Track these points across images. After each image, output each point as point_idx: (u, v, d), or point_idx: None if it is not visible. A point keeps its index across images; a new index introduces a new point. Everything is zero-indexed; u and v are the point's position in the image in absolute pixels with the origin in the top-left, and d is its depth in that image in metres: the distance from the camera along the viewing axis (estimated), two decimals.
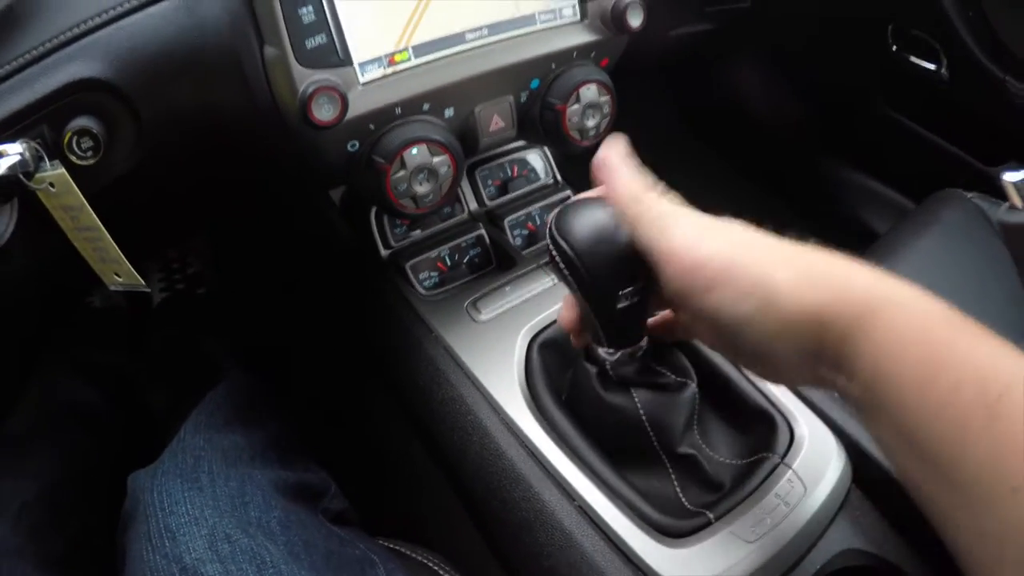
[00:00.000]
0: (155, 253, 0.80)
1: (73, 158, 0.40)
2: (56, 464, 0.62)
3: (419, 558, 0.53)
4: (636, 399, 0.43)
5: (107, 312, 0.81)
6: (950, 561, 0.28)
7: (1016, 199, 0.56)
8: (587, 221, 0.37)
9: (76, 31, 0.40)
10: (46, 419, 0.67)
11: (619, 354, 0.42)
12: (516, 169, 0.67)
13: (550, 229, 0.37)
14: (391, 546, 0.53)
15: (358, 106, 0.45)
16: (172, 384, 0.73)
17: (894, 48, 0.87)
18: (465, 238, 0.61)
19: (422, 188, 0.49)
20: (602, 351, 0.42)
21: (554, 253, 0.38)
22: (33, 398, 0.68)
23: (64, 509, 0.59)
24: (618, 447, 0.46)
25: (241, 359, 0.70)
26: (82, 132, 0.40)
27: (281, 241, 0.83)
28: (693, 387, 0.45)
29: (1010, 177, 0.56)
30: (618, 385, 0.43)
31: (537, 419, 0.48)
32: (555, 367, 0.52)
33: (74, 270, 0.47)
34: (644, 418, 0.44)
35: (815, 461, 0.46)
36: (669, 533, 0.43)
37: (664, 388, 0.44)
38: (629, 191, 0.36)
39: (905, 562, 0.45)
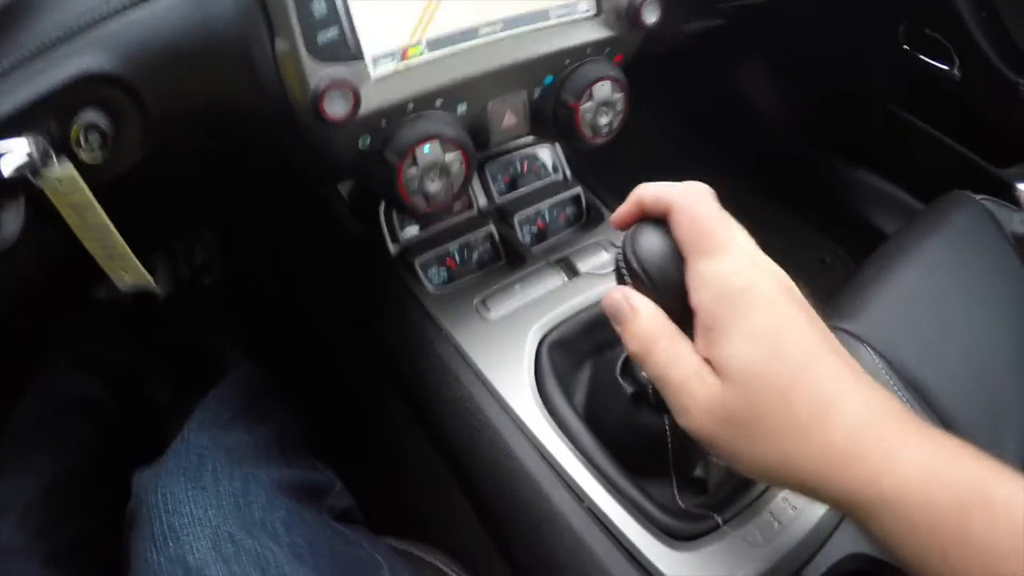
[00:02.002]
0: (161, 245, 0.79)
1: (80, 152, 0.39)
2: (60, 460, 0.62)
3: (426, 557, 0.53)
4: (667, 423, 0.42)
5: (111, 305, 0.81)
6: None
7: None
8: (658, 249, 0.35)
9: (83, 23, 0.39)
10: (50, 414, 0.66)
11: None
12: (526, 165, 0.66)
13: (624, 248, 0.36)
14: (397, 545, 0.52)
15: (370, 101, 0.45)
16: (176, 378, 0.73)
17: (906, 48, 0.86)
18: (474, 234, 0.61)
19: (434, 185, 0.49)
20: (642, 372, 0.41)
21: (625, 274, 0.36)
22: (37, 393, 0.68)
23: (68, 506, 0.58)
24: (631, 459, 0.46)
25: (247, 352, 0.70)
26: (89, 126, 0.39)
27: (288, 234, 0.83)
28: None
29: None
30: (652, 407, 0.42)
31: (547, 419, 0.48)
32: (565, 367, 0.52)
33: (81, 267, 0.47)
34: (670, 444, 0.43)
35: None
36: (677, 536, 0.43)
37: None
38: (647, 336, 0.34)
39: None
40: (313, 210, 0.68)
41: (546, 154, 0.68)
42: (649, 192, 0.35)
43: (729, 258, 0.32)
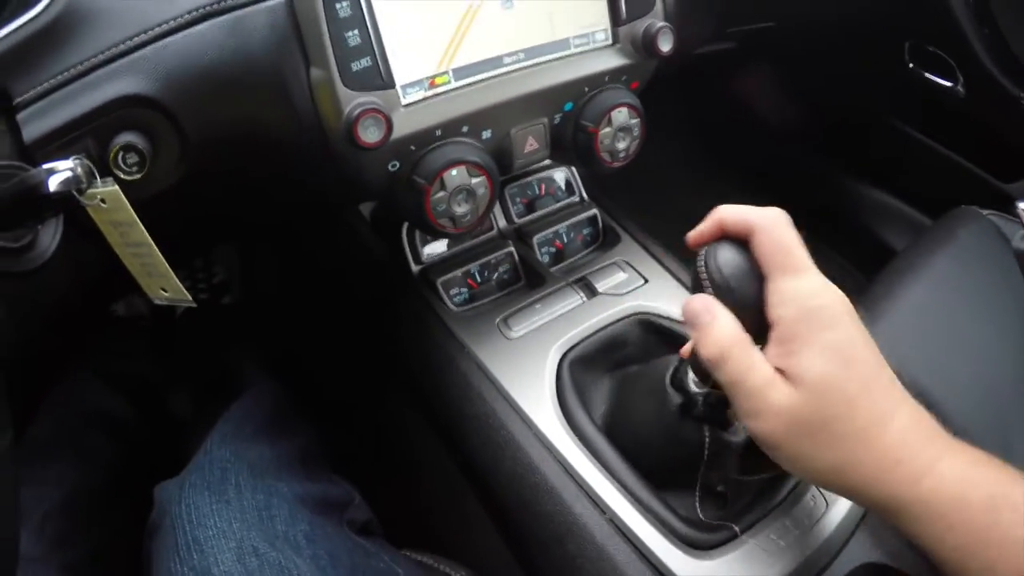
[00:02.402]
0: (184, 263, 0.80)
1: (119, 173, 0.40)
2: (79, 472, 0.62)
3: (444, 569, 0.53)
4: (707, 437, 0.43)
5: (131, 321, 0.82)
6: None
7: None
8: (740, 263, 0.37)
9: (122, 47, 0.40)
10: (69, 427, 0.67)
11: (708, 391, 0.42)
12: (543, 187, 0.68)
13: (707, 261, 0.37)
14: (416, 558, 0.53)
15: (400, 128, 0.46)
16: (196, 393, 0.74)
17: (911, 65, 0.88)
18: (495, 255, 0.62)
19: (460, 209, 0.50)
20: (693, 383, 0.42)
21: (707, 285, 0.37)
22: (57, 406, 0.68)
23: (87, 517, 0.59)
24: (654, 473, 0.47)
25: (267, 369, 0.71)
26: (127, 148, 0.40)
27: (310, 253, 0.84)
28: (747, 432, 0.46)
29: None
30: (695, 420, 0.43)
31: (569, 434, 0.49)
32: (584, 383, 0.53)
33: (112, 283, 0.48)
34: (706, 457, 0.44)
35: None
36: (696, 545, 0.44)
37: (731, 433, 0.45)
38: (725, 342, 0.35)
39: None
40: (335, 230, 0.70)
41: (562, 176, 0.69)
42: (731, 213, 0.38)
43: (808, 279, 0.35)
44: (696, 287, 0.38)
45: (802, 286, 0.35)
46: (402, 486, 0.68)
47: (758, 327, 0.36)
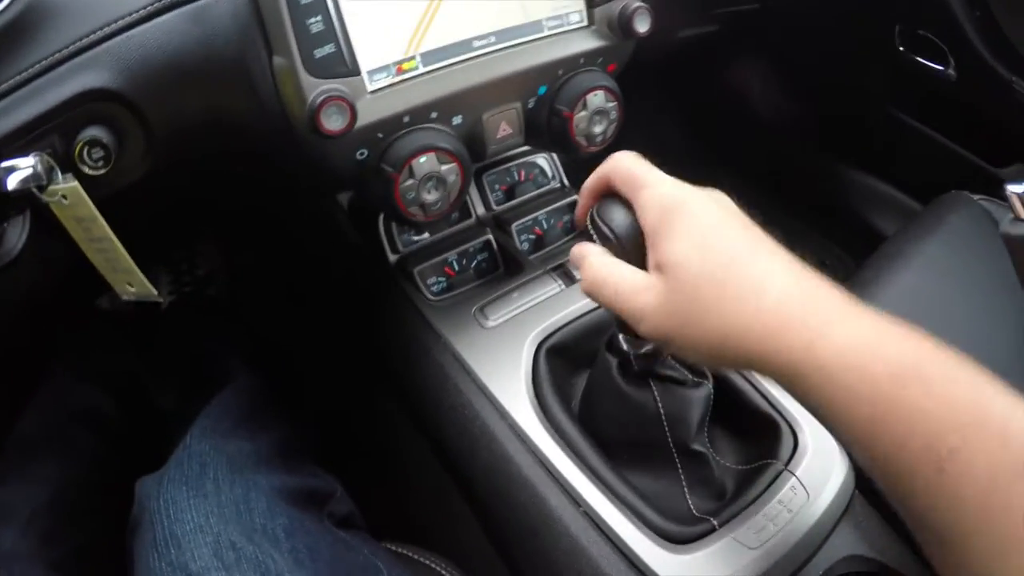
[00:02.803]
0: (162, 256, 0.80)
1: (84, 168, 0.40)
2: (66, 469, 0.62)
3: (425, 562, 0.53)
4: (655, 392, 0.44)
5: (115, 315, 0.82)
6: None
7: (1020, 210, 0.56)
8: (615, 209, 0.39)
9: (85, 41, 0.40)
10: (56, 423, 0.67)
11: (644, 347, 0.43)
12: (523, 173, 0.67)
13: (593, 215, 0.40)
14: (397, 550, 0.53)
15: (366, 115, 0.45)
16: (180, 387, 0.73)
17: (901, 49, 0.86)
18: (472, 243, 0.61)
19: (431, 196, 0.49)
20: (625, 342, 0.43)
21: (596, 238, 0.40)
22: (42, 403, 0.68)
23: (74, 514, 0.59)
24: (631, 442, 0.47)
25: (249, 362, 0.71)
26: (92, 142, 0.40)
27: (288, 245, 0.83)
28: (709, 387, 0.46)
29: (1015, 188, 0.56)
30: (637, 378, 0.44)
31: (544, 425, 0.48)
32: (562, 373, 0.53)
33: (85, 279, 0.47)
34: (662, 411, 0.45)
35: (818, 468, 0.46)
36: (673, 539, 0.43)
37: (682, 384, 0.45)
38: (595, 271, 0.38)
39: (907, 568, 0.46)
40: (313, 221, 0.69)
41: (543, 162, 0.68)
42: (589, 179, 0.41)
43: (660, 186, 0.37)
44: (598, 237, 0.40)
45: (658, 191, 0.36)
46: (385, 479, 0.68)
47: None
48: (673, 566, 0.42)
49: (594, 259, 0.38)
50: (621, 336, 0.43)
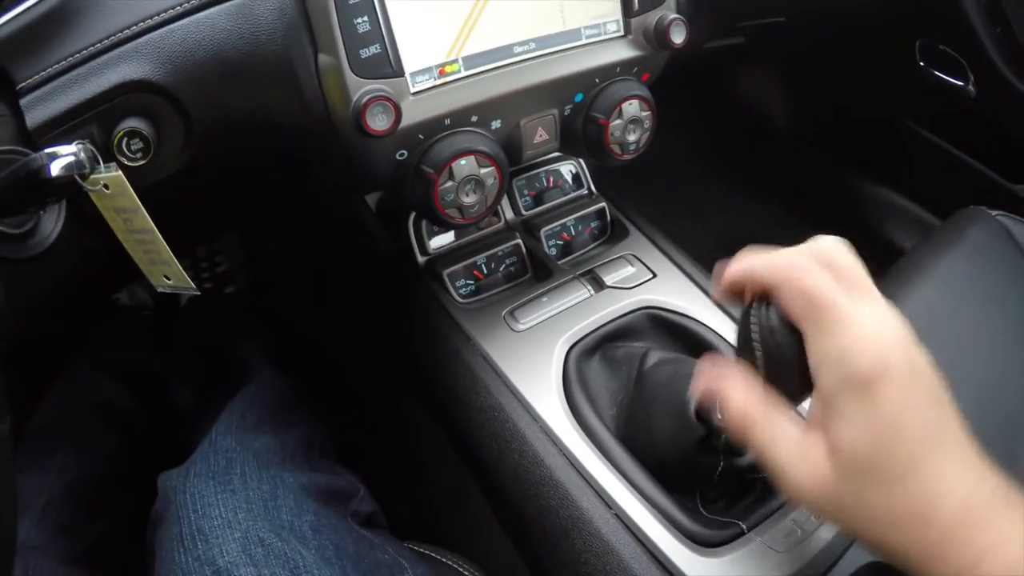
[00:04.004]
0: (186, 251, 0.80)
1: (122, 159, 0.40)
2: (81, 461, 0.62)
3: (448, 562, 0.53)
4: (720, 463, 0.43)
5: (134, 310, 0.82)
6: None
7: None
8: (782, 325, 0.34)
9: (128, 32, 0.40)
10: (72, 416, 0.67)
11: (743, 461, 0.43)
12: (551, 180, 0.67)
13: (759, 325, 0.34)
14: (420, 550, 0.53)
15: (409, 116, 0.46)
16: (199, 383, 0.74)
17: (922, 64, 0.87)
18: (502, 247, 0.62)
19: (469, 199, 0.50)
20: (723, 445, 0.41)
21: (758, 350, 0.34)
22: (59, 395, 0.68)
23: (89, 506, 0.59)
24: (661, 475, 0.47)
25: (271, 359, 0.71)
26: (132, 133, 0.40)
27: (315, 244, 0.83)
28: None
29: None
30: (714, 449, 0.43)
31: (575, 428, 0.49)
32: (592, 376, 0.53)
33: (114, 271, 0.47)
34: (716, 481, 0.44)
35: None
36: (703, 542, 0.44)
37: (745, 469, 0.45)
38: (742, 416, 0.34)
39: None
40: (341, 221, 0.69)
41: (570, 169, 0.69)
42: (752, 271, 0.35)
43: (843, 334, 0.30)
44: (744, 347, 0.35)
45: (837, 346, 0.30)
46: (408, 479, 0.68)
47: (805, 383, 0.33)
48: (703, 568, 0.43)
49: (745, 392, 0.34)
50: (723, 438, 0.41)
